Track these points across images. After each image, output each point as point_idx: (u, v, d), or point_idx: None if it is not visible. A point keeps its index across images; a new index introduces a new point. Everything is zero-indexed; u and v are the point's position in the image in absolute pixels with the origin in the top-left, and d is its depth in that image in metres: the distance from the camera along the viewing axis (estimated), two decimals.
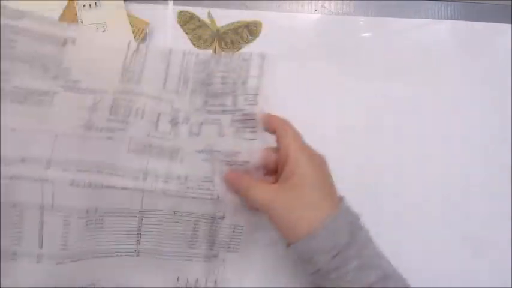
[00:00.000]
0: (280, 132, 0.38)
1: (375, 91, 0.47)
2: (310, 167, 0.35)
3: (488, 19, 0.48)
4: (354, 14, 0.48)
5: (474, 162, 0.46)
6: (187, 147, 0.41)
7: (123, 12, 0.46)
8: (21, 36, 0.39)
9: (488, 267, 0.45)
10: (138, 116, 0.40)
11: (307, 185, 0.35)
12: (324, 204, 0.35)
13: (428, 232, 0.45)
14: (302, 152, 0.36)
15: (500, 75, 0.48)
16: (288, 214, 0.34)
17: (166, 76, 0.42)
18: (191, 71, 0.43)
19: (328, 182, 0.37)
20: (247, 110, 0.41)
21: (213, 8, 0.48)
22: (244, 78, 0.42)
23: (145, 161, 0.40)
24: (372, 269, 0.34)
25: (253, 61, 0.42)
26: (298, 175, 0.35)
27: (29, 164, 0.37)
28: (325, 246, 0.33)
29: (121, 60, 0.42)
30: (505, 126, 0.47)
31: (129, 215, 0.39)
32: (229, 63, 0.43)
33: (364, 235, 0.36)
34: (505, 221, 0.46)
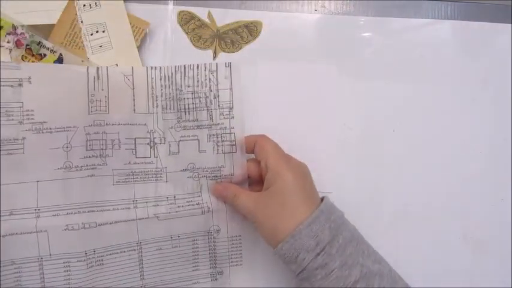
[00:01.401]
0: (259, 147, 0.40)
1: (375, 91, 0.47)
2: (289, 174, 0.37)
3: (488, 19, 0.48)
4: (354, 14, 0.48)
5: (474, 162, 0.46)
6: (170, 167, 0.41)
7: (123, 12, 0.46)
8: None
9: (488, 267, 0.45)
10: (115, 146, 0.40)
11: (287, 191, 0.36)
12: (305, 207, 0.36)
13: (428, 232, 0.45)
14: (281, 160, 0.38)
15: (500, 75, 0.48)
16: (269, 219, 0.36)
17: (133, 97, 0.41)
18: (158, 87, 0.42)
19: (308, 187, 0.38)
20: (223, 124, 0.42)
21: (213, 8, 0.48)
22: (216, 92, 0.43)
23: (132, 189, 0.40)
24: (355, 267, 0.34)
25: (220, 72, 0.43)
26: (278, 182, 0.36)
27: (18, 217, 0.37)
28: (308, 244, 0.34)
29: (84, 91, 0.40)
30: (505, 126, 0.47)
31: (128, 249, 0.39)
32: (196, 76, 0.43)
33: (349, 232, 0.37)
34: (505, 221, 0.46)
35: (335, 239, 0.35)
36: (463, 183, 0.46)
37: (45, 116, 0.39)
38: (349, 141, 0.46)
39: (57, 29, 0.45)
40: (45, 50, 0.44)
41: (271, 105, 0.47)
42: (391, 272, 0.37)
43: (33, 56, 0.44)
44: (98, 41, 0.45)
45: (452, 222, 0.45)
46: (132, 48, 0.45)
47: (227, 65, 0.43)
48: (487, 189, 0.46)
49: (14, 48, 0.44)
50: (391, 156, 0.46)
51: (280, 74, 0.47)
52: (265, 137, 0.41)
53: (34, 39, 0.44)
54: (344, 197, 0.45)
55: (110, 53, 0.45)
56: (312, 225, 0.35)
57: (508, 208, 0.46)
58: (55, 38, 0.45)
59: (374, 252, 0.37)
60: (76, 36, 0.45)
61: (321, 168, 0.46)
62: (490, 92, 0.47)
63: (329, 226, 0.35)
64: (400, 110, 0.47)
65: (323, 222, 0.35)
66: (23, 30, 0.44)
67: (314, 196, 0.38)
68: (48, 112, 0.39)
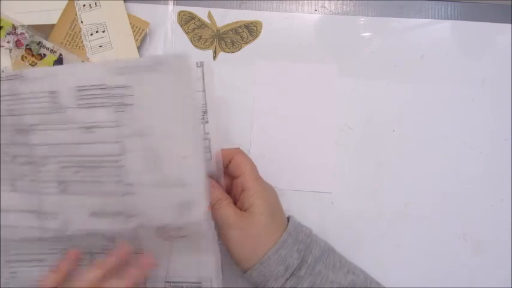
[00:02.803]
0: (235, 165, 0.38)
1: (375, 91, 0.47)
2: (264, 199, 0.37)
3: (488, 19, 0.48)
4: (354, 14, 0.48)
5: (474, 162, 0.46)
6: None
7: (123, 12, 0.46)
8: None
9: (488, 267, 0.45)
10: None
11: (262, 216, 0.36)
12: (274, 231, 0.36)
13: (428, 232, 0.45)
14: (258, 184, 0.37)
15: (500, 75, 0.48)
16: (243, 243, 0.36)
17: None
18: None
19: (278, 210, 0.38)
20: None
21: (213, 8, 0.48)
22: None
23: None
24: (325, 285, 0.35)
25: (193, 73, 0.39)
26: (254, 207, 0.36)
27: None
28: (278, 271, 0.35)
29: None
30: (505, 126, 0.47)
31: None
32: None
33: (319, 249, 0.37)
34: (505, 220, 0.46)
35: (304, 259, 0.36)
36: (463, 183, 0.46)
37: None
38: (350, 141, 0.46)
39: (57, 29, 0.45)
40: (45, 50, 0.44)
41: (271, 105, 0.47)
42: (366, 280, 0.37)
43: (33, 56, 0.44)
44: (98, 41, 0.45)
45: (452, 222, 0.45)
46: (132, 48, 0.45)
47: (199, 65, 0.39)
48: (487, 189, 0.46)
49: (14, 48, 0.44)
50: (391, 156, 0.46)
51: (280, 74, 0.47)
52: (242, 153, 0.39)
53: (34, 39, 0.44)
54: (344, 197, 0.45)
55: (110, 53, 0.45)
56: (280, 251, 0.35)
57: (508, 208, 0.46)
58: (55, 38, 0.45)
59: (347, 263, 0.38)
60: (76, 36, 0.45)
61: (321, 168, 0.46)
62: (490, 92, 0.47)
63: (297, 248, 0.36)
64: (400, 110, 0.47)
65: (291, 245, 0.36)
66: (23, 30, 0.44)
67: (282, 218, 0.38)
68: None
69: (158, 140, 0.33)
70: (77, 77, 0.33)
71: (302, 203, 0.44)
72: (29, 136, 0.34)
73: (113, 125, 0.33)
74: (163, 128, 0.33)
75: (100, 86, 0.33)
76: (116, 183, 0.33)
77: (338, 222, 0.45)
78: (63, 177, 0.33)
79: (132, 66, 0.33)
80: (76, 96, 0.33)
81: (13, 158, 0.34)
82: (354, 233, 0.45)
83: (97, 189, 0.33)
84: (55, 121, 0.34)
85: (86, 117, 0.33)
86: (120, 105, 0.33)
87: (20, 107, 0.34)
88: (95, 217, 0.33)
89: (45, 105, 0.34)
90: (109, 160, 0.33)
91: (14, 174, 0.34)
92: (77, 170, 0.33)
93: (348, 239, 0.44)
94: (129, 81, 0.33)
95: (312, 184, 0.45)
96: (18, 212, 0.34)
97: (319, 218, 0.44)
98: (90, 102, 0.33)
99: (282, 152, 0.45)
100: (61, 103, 0.33)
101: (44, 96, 0.34)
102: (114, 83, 0.33)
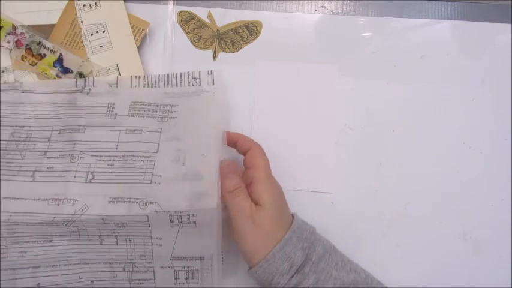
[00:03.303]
0: (253, 155, 0.40)
1: (375, 91, 0.47)
2: (272, 194, 0.38)
3: (488, 19, 0.48)
4: (354, 14, 0.48)
5: (474, 162, 0.46)
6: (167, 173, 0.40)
7: (123, 12, 0.46)
8: None
9: (488, 267, 0.45)
10: None
11: (270, 210, 0.36)
12: (280, 230, 0.37)
13: (428, 232, 0.45)
14: (268, 179, 0.38)
15: (500, 75, 0.48)
16: (255, 235, 0.36)
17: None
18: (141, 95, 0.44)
19: (284, 209, 0.39)
20: None
21: (213, 8, 0.48)
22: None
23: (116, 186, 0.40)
24: (329, 281, 0.35)
25: (203, 79, 0.44)
26: (264, 204, 0.37)
27: None
28: (282, 268, 0.35)
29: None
30: (505, 126, 0.47)
31: None
32: (180, 84, 0.44)
33: (322, 247, 0.37)
34: (505, 220, 0.46)
35: (308, 257, 0.36)
36: (463, 183, 0.46)
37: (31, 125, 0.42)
38: (350, 141, 0.46)
39: (57, 29, 0.45)
40: (45, 50, 0.44)
41: (271, 105, 0.47)
42: (367, 278, 0.38)
43: (33, 56, 0.44)
44: (98, 41, 0.45)
45: (452, 222, 0.45)
46: (132, 48, 0.45)
47: (210, 73, 0.44)
48: (487, 189, 0.46)
49: (14, 48, 0.44)
50: (391, 156, 0.46)
51: (280, 74, 0.47)
52: (260, 148, 0.40)
53: (34, 39, 0.44)
54: (344, 197, 0.45)
55: (110, 53, 0.45)
56: (285, 248, 0.36)
57: (508, 208, 0.46)
58: (55, 38, 0.45)
59: (349, 262, 0.38)
60: (76, 36, 0.45)
61: (321, 168, 0.46)
62: (490, 92, 0.47)
63: (301, 246, 0.36)
64: (400, 110, 0.47)
65: (295, 242, 0.36)
66: (23, 30, 0.44)
67: (288, 216, 0.39)
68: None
69: (188, 143, 0.40)
70: (135, 95, 0.43)
71: (302, 203, 0.44)
72: (73, 134, 0.41)
73: (156, 130, 0.41)
74: (194, 136, 0.40)
75: (153, 103, 0.43)
76: (145, 174, 0.39)
77: (338, 222, 0.45)
78: (97, 168, 0.39)
79: (182, 92, 0.44)
80: (129, 108, 0.42)
81: (43, 153, 0.41)
82: (354, 233, 0.45)
83: (125, 178, 0.39)
84: (104, 124, 0.41)
85: (134, 122, 0.41)
86: (165, 117, 0.42)
87: (74, 112, 0.42)
88: (113, 203, 0.38)
89: (99, 112, 0.42)
90: (145, 156, 0.40)
91: (37, 167, 0.40)
92: (112, 163, 0.40)
93: (348, 239, 0.44)
94: (176, 102, 0.43)
95: (312, 184, 0.45)
96: (34, 200, 0.38)
97: (319, 218, 0.44)
98: (141, 112, 0.42)
99: (282, 152, 0.45)
100: (114, 111, 0.42)
101: (102, 106, 0.42)
102: (165, 102, 0.43)
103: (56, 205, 0.38)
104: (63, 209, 0.38)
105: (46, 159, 0.40)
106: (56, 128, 0.42)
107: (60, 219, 0.38)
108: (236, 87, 0.46)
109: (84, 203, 0.38)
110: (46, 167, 0.40)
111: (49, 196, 0.38)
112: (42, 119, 0.42)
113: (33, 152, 0.41)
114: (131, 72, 0.45)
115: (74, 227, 0.38)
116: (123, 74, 0.45)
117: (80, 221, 0.38)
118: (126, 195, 0.38)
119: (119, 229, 0.39)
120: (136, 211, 0.38)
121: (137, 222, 0.38)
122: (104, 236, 0.39)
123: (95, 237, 0.39)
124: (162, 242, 0.39)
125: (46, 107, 0.43)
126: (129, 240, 0.39)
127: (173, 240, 0.39)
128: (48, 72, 0.44)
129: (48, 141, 0.41)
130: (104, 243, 0.39)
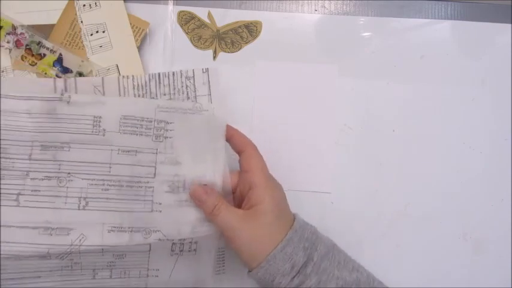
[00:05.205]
0: (248, 157, 0.39)
1: (375, 91, 0.47)
2: (273, 197, 0.37)
3: (488, 19, 0.48)
4: (354, 14, 0.48)
5: (474, 162, 0.46)
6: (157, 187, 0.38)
7: (123, 12, 0.46)
8: None
9: (488, 267, 0.45)
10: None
11: (270, 214, 0.36)
12: (281, 229, 0.36)
13: (428, 232, 0.45)
14: (267, 181, 0.37)
15: (500, 75, 0.48)
16: (251, 242, 0.35)
17: None
18: (131, 96, 0.41)
19: (285, 210, 0.38)
20: None
21: (213, 8, 0.48)
22: (193, 99, 0.41)
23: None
24: (331, 281, 0.35)
25: (197, 78, 0.42)
26: (263, 205, 0.36)
27: None
28: (284, 268, 0.35)
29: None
30: (505, 126, 0.47)
31: None
32: (172, 84, 0.41)
33: (324, 246, 0.37)
34: (505, 220, 0.46)
35: (310, 257, 0.35)
36: (463, 183, 0.46)
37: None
38: (350, 141, 0.46)
39: (57, 29, 0.45)
40: (45, 50, 0.44)
41: (271, 105, 0.47)
42: (369, 278, 0.37)
43: (32, 56, 0.44)
44: (98, 41, 0.45)
45: (452, 222, 0.45)
46: (132, 48, 0.45)
47: (204, 71, 0.42)
48: (487, 189, 0.46)
49: (14, 48, 0.44)
50: (391, 156, 0.46)
51: (280, 74, 0.47)
52: (253, 147, 0.39)
53: (34, 39, 0.44)
54: (344, 197, 0.45)
55: (110, 53, 0.45)
56: (286, 248, 0.35)
57: (508, 208, 0.46)
58: (55, 38, 0.45)
59: (351, 261, 0.38)
60: (76, 36, 0.45)
61: (321, 168, 0.46)
62: (490, 92, 0.47)
63: (303, 246, 0.36)
64: (400, 110, 0.47)
65: (297, 242, 0.36)
66: (22, 30, 0.44)
67: (289, 216, 0.38)
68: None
69: (187, 168, 0.38)
70: (125, 107, 0.38)
71: (302, 203, 0.44)
72: (57, 152, 0.36)
73: (152, 151, 0.38)
74: (193, 160, 0.38)
75: (145, 118, 0.38)
76: (145, 202, 0.37)
77: (338, 222, 0.45)
78: (90, 194, 0.36)
79: (178, 107, 0.39)
80: (120, 123, 0.37)
81: (25, 173, 0.36)
82: (354, 233, 0.45)
83: (124, 206, 0.36)
84: (91, 141, 0.37)
85: (126, 141, 0.37)
86: (160, 136, 0.38)
87: (55, 125, 0.37)
88: (113, 233, 0.35)
89: (85, 127, 0.37)
90: (142, 181, 0.37)
91: (21, 190, 0.35)
92: (106, 188, 0.36)
93: (348, 239, 0.44)
94: (171, 118, 0.38)
95: (312, 184, 0.45)
96: (22, 228, 0.35)
97: (319, 218, 0.44)
98: (133, 129, 0.38)
99: (282, 152, 0.45)
100: (102, 127, 0.37)
101: (86, 119, 0.37)
102: (159, 117, 0.38)
103: (48, 235, 0.34)
104: (57, 239, 0.34)
105: (29, 181, 0.35)
106: (37, 144, 0.36)
107: (56, 251, 0.34)
108: (236, 87, 0.46)
109: (80, 233, 0.35)
110: (30, 189, 0.35)
111: (39, 224, 0.34)
112: (17, 132, 0.36)
113: (12, 171, 0.35)
114: (131, 72, 0.45)
115: (68, 260, 0.35)
116: (123, 74, 0.45)
117: (77, 252, 0.34)
118: (126, 224, 0.36)
119: (116, 261, 0.36)
120: (139, 240, 0.36)
121: (137, 253, 0.36)
122: (98, 270, 0.36)
123: (89, 271, 0.36)
124: (158, 273, 0.38)
125: (21, 116, 0.36)
126: (124, 273, 0.37)
127: (170, 270, 0.38)
128: (48, 72, 0.44)
129: (28, 158, 0.36)
130: (97, 277, 0.37)
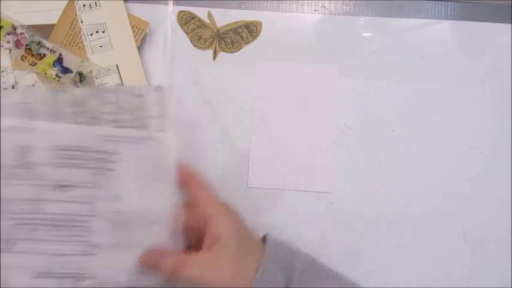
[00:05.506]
0: (195, 188, 0.35)
1: (375, 91, 0.47)
2: (232, 227, 0.34)
3: (488, 19, 0.48)
4: (354, 14, 0.48)
5: (474, 162, 0.46)
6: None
7: (123, 12, 0.46)
8: None
9: (488, 267, 0.45)
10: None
11: (234, 244, 0.33)
12: (252, 261, 0.33)
13: (428, 232, 0.45)
14: (221, 210, 0.34)
15: (500, 75, 0.48)
16: (221, 281, 0.32)
17: None
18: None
19: (249, 235, 0.35)
20: None
21: (213, 8, 0.48)
22: (144, 120, 0.35)
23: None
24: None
25: (149, 97, 0.35)
26: (223, 240, 0.33)
27: None
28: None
29: None
30: (505, 126, 0.47)
31: None
32: (118, 102, 0.35)
33: (302, 262, 0.35)
34: (505, 220, 0.46)
35: (290, 277, 0.34)
36: (463, 183, 0.46)
37: None
38: (350, 141, 0.46)
39: (57, 29, 0.45)
40: (45, 50, 0.44)
41: (271, 105, 0.47)
42: (354, 285, 0.36)
43: (32, 56, 0.44)
44: (98, 41, 0.45)
45: (452, 222, 0.45)
46: (132, 48, 0.45)
47: (157, 89, 0.36)
48: (487, 189, 0.46)
49: (14, 48, 0.44)
50: (391, 156, 0.46)
51: (280, 74, 0.47)
52: (201, 177, 0.35)
53: (34, 39, 0.44)
54: (344, 197, 0.45)
55: (110, 53, 0.45)
56: (264, 276, 0.33)
57: (508, 208, 0.46)
58: (55, 38, 0.45)
59: (331, 271, 0.37)
60: (76, 36, 0.45)
61: (321, 168, 0.46)
62: (490, 92, 0.47)
63: (280, 267, 0.34)
64: (400, 110, 0.47)
65: (272, 266, 0.33)
66: (22, 30, 0.44)
67: (254, 242, 0.35)
68: None
69: (130, 205, 0.34)
70: (58, 136, 0.33)
71: (302, 203, 0.44)
72: None
73: (89, 186, 0.33)
74: (137, 195, 0.34)
75: (82, 148, 0.33)
76: (78, 243, 0.33)
77: (338, 222, 0.45)
78: (14, 234, 0.32)
79: (125, 135, 0.34)
80: (52, 155, 0.33)
81: None
82: (354, 233, 0.45)
83: (55, 248, 0.32)
84: (18, 176, 0.32)
85: (60, 175, 0.33)
86: (100, 168, 0.33)
87: None
88: (40, 278, 0.32)
89: (9, 159, 0.32)
90: (77, 220, 0.33)
91: None
92: (35, 228, 0.32)
93: (348, 239, 0.44)
94: (118, 149, 0.34)
95: (312, 184, 0.45)
96: None
97: (319, 218, 0.44)
98: (68, 161, 0.33)
99: (282, 152, 0.45)
100: (31, 159, 0.32)
101: (11, 150, 0.32)
102: (100, 148, 0.33)
103: None
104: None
105: None
106: None
107: None
108: (236, 87, 0.46)
109: (3, 278, 0.31)
110: None
111: None
112: None
113: None
114: (131, 72, 0.45)
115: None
116: (123, 74, 0.45)
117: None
118: (56, 269, 0.32)
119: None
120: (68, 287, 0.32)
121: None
122: None
123: None
124: None
125: None
126: None
127: None
128: (48, 72, 0.44)
129: None
130: None
